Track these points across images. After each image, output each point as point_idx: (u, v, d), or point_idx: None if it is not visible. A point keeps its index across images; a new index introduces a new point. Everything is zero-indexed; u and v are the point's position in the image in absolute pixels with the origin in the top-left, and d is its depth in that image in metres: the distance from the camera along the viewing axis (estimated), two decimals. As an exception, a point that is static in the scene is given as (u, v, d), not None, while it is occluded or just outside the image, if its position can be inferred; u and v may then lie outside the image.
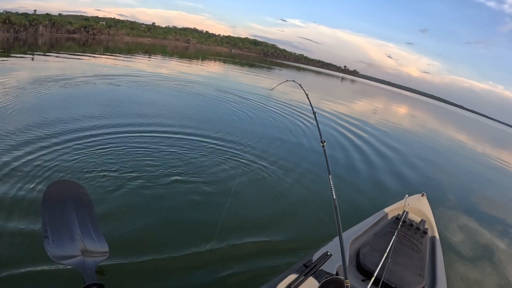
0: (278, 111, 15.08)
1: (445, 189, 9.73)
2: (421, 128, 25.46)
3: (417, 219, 4.61)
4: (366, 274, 3.24)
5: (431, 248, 4.04)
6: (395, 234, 3.89)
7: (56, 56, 26.09)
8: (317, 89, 36.79)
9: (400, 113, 37.47)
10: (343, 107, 23.63)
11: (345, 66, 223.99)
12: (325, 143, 3.77)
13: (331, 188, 3.07)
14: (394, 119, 26.17)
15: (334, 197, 2.91)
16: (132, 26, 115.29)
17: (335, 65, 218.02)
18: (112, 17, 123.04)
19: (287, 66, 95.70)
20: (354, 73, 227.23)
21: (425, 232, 4.21)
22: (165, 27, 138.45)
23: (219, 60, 61.65)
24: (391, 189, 8.19)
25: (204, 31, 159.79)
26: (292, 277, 2.91)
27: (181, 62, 39.52)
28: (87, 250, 2.99)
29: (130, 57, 34.89)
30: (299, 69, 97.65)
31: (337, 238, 3.22)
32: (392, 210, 4.86)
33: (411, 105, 65.86)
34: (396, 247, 3.64)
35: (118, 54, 36.22)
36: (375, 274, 2.97)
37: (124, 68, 22.35)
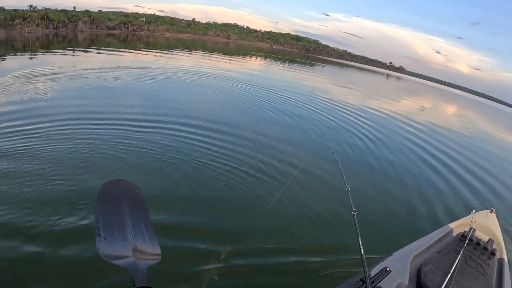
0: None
1: None
2: (480, 133, 22.40)
3: (484, 237, 4.19)
4: None
5: (498, 272, 3.64)
6: (461, 253, 3.56)
7: (97, 52, 26.59)
8: (361, 86, 35.55)
9: (452, 114, 33.78)
10: (391, 106, 22.47)
11: (390, 63, 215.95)
12: (355, 214, 3.32)
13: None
14: (449, 121, 23.38)
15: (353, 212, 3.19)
16: (172, 22, 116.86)
17: (380, 61, 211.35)
18: (152, 13, 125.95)
19: (330, 63, 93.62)
20: (400, 69, 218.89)
21: (493, 253, 3.81)
22: (205, 23, 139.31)
23: (260, 56, 60.51)
24: (456, 202, 7.46)
25: (245, 27, 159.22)
26: None
27: (222, 58, 39.28)
28: (139, 251, 2.95)
29: (171, 53, 35.15)
30: (342, 65, 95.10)
31: (397, 253, 3.45)
32: (457, 226, 4.52)
33: (462, 104, 61.09)
34: (461, 267, 3.36)
35: (159, 50, 36.47)
36: None
37: (165, 64, 24.00)
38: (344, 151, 9.27)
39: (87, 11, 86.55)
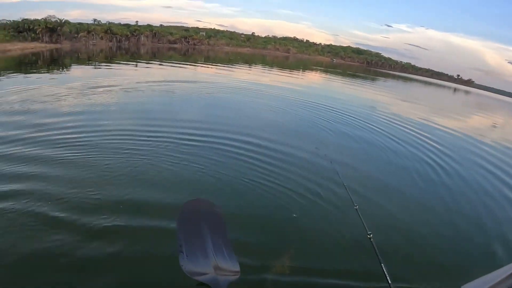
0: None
1: None
2: None
3: None
4: None
5: None
6: None
7: (160, 64, 27.53)
8: (424, 101, 33.64)
9: None
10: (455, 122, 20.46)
11: (458, 75, 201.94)
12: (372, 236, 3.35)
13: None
14: None
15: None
16: (231, 36, 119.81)
17: (447, 74, 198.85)
18: (212, 28, 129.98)
19: (393, 77, 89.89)
20: (469, 82, 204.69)
21: None
22: (265, 37, 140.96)
23: (320, 71, 59.73)
24: None
25: (305, 40, 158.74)
26: None
27: (281, 73, 39.15)
28: (219, 268, 3.05)
29: (231, 67, 35.79)
30: (405, 79, 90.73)
31: (468, 286, 3.01)
32: None
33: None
34: None
35: (219, 64, 37.27)
36: None
37: (226, 78, 24.52)
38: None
39: (149, 25, 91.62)
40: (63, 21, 61.65)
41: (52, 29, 57.62)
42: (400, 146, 11.19)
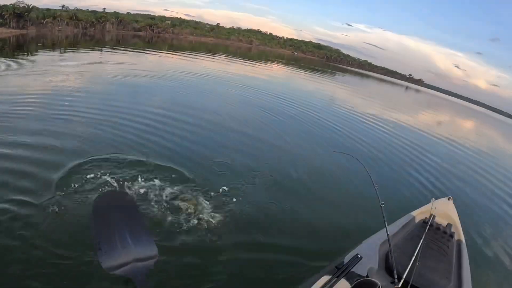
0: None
1: (471, 193, 9.74)
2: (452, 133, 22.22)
3: (443, 222, 4.68)
4: (395, 276, 3.17)
5: (457, 252, 4.11)
6: (423, 237, 3.89)
7: (124, 51, 27.37)
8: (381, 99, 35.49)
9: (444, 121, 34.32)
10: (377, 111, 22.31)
11: (410, 75, 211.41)
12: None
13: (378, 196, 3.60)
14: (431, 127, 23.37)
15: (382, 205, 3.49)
16: (196, 26, 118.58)
17: (400, 73, 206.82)
18: (179, 17, 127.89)
19: (350, 72, 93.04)
20: (419, 82, 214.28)
21: (451, 236, 4.28)
22: (229, 28, 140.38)
23: (282, 63, 61.33)
24: (418, 193, 8.20)
25: (268, 33, 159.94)
26: (324, 279, 2.97)
27: (245, 63, 39.86)
28: (138, 256, 3.05)
29: (195, 55, 35.78)
30: (362, 75, 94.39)
31: (367, 241, 3.89)
32: (419, 214, 4.89)
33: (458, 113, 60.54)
34: (423, 250, 3.63)
35: (182, 52, 37.38)
36: (404, 277, 2.99)
37: (190, 66, 23.42)
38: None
39: (115, 12, 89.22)
40: (30, 6, 59.26)
41: (20, 14, 55.51)
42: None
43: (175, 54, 35.21)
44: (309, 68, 64.04)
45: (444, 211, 5.01)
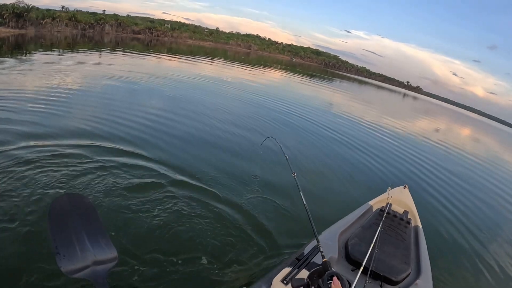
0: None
1: (426, 181, 9.98)
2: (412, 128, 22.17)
3: (400, 210, 4.79)
4: (355, 264, 3.41)
5: (415, 237, 4.28)
6: (380, 225, 3.95)
7: (123, 54, 27.32)
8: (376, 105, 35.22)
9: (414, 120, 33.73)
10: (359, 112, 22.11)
11: (407, 82, 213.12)
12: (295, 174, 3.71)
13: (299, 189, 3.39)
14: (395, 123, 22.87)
15: (305, 202, 3.20)
16: (195, 30, 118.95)
17: (398, 80, 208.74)
18: (178, 21, 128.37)
19: (348, 78, 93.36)
20: (417, 89, 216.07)
21: (408, 223, 4.38)
22: (228, 32, 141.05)
23: (281, 69, 61.37)
24: (374, 182, 8.44)
25: (267, 38, 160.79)
26: (286, 270, 3.01)
27: (244, 68, 39.84)
28: (97, 259, 3.05)
29: (194, 59, 35.74)
30: (360, 82, 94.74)
31: (326, 231, 3.93)
32: (376, 203, 5.03)
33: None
34: (382, 237, 3.71)
35: (181, 55, 37.31)
36: (364, 264, 3.05)
37: (187, 69, 23.20)
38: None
39: (115, 15, 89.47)
40: (30, 6, 59.47)
41: (19, 14, 55.69)
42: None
43: (174, 57, 35.16)
44: (307, 74, 64.17)
45: (400, 199, 5.20)
